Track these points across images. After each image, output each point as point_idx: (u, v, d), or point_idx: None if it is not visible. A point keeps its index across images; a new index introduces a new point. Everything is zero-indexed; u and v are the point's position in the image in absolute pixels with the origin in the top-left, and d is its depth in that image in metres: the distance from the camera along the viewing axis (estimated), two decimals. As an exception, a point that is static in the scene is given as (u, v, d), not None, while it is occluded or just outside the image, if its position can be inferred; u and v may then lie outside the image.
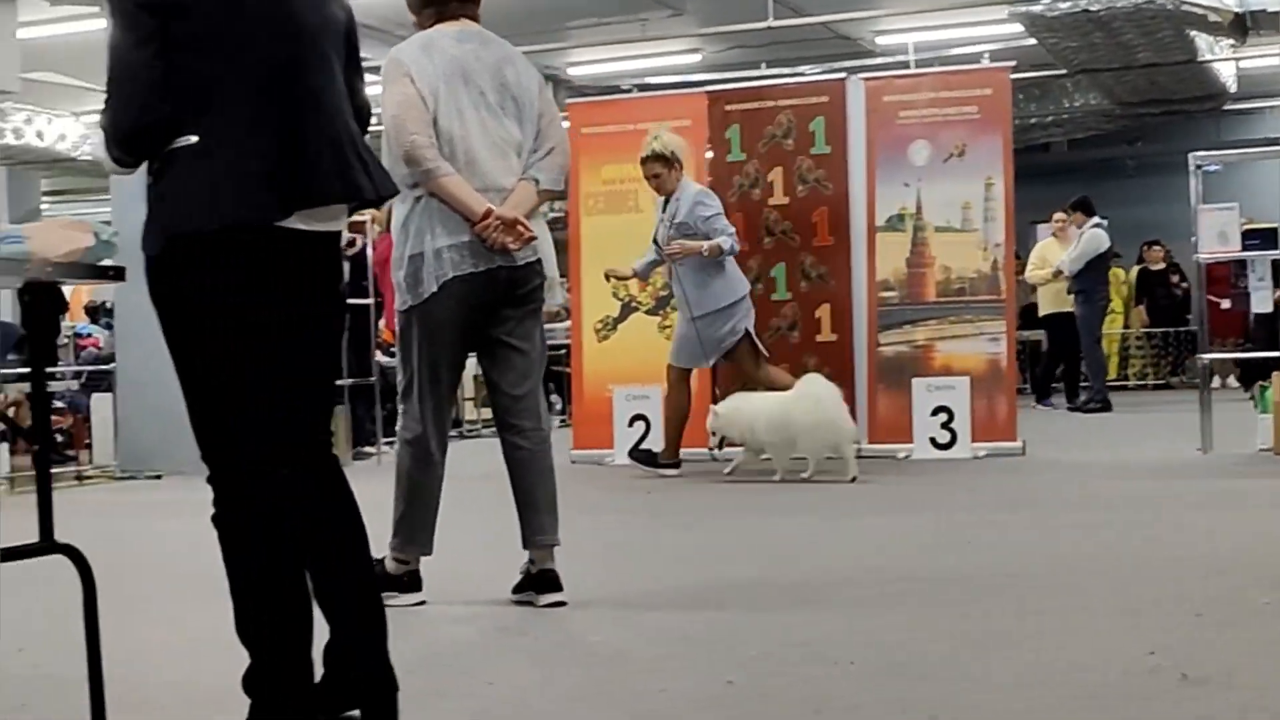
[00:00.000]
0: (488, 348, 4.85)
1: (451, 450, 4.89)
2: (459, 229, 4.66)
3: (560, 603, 4.74)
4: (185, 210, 2.94)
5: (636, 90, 12.05)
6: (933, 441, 9.59)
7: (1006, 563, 5.48)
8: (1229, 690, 3.42)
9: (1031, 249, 15.71)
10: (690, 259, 8.71)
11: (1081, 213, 14.15)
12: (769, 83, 11.93)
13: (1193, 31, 14.60)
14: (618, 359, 10.38)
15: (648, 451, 9.34)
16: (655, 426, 9.74)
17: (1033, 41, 14.75)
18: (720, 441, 8.82)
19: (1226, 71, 16.97)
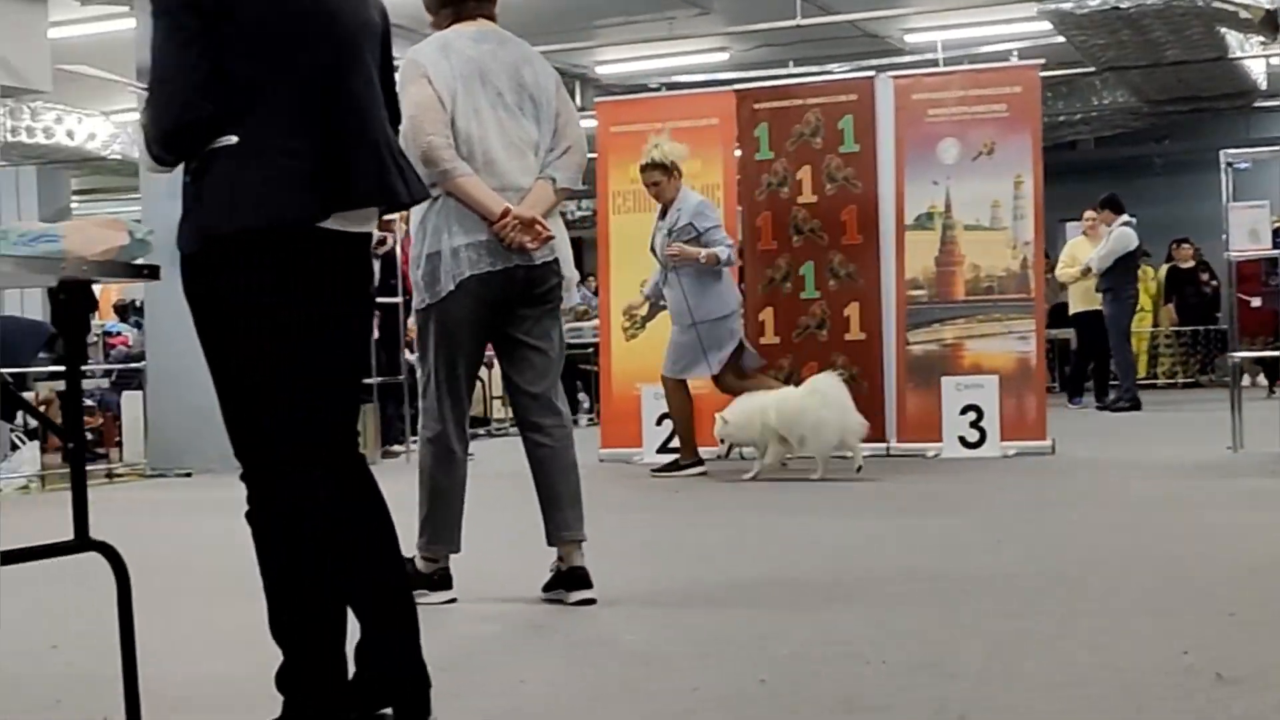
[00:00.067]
0: (506, 347, 4.86)
1: (479, 449, 4.91)
2: (476, 228, 4.67)
3: (590, 600, 4.74)
4: (226, 210, 2.95)
5: (664, 89, 12.09)
6: (962, 440, 9.57)
7: (1038, 562, 5.46)
8: (1265, 690, 3.40)
9: (1060, 247, 15.66)
10: (689, 266, 8.75)
11: (1110, 210, 14.09)
12: (797, 81, 11.91)
13: (1223, 29, 14.53)
14: (645, 358, 10.35)
15: (670, 464, 9.28)
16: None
17: (1061, 39, 14.71)
18: (729, 449, 8.82)
19: (1256, 69, 16.87)
